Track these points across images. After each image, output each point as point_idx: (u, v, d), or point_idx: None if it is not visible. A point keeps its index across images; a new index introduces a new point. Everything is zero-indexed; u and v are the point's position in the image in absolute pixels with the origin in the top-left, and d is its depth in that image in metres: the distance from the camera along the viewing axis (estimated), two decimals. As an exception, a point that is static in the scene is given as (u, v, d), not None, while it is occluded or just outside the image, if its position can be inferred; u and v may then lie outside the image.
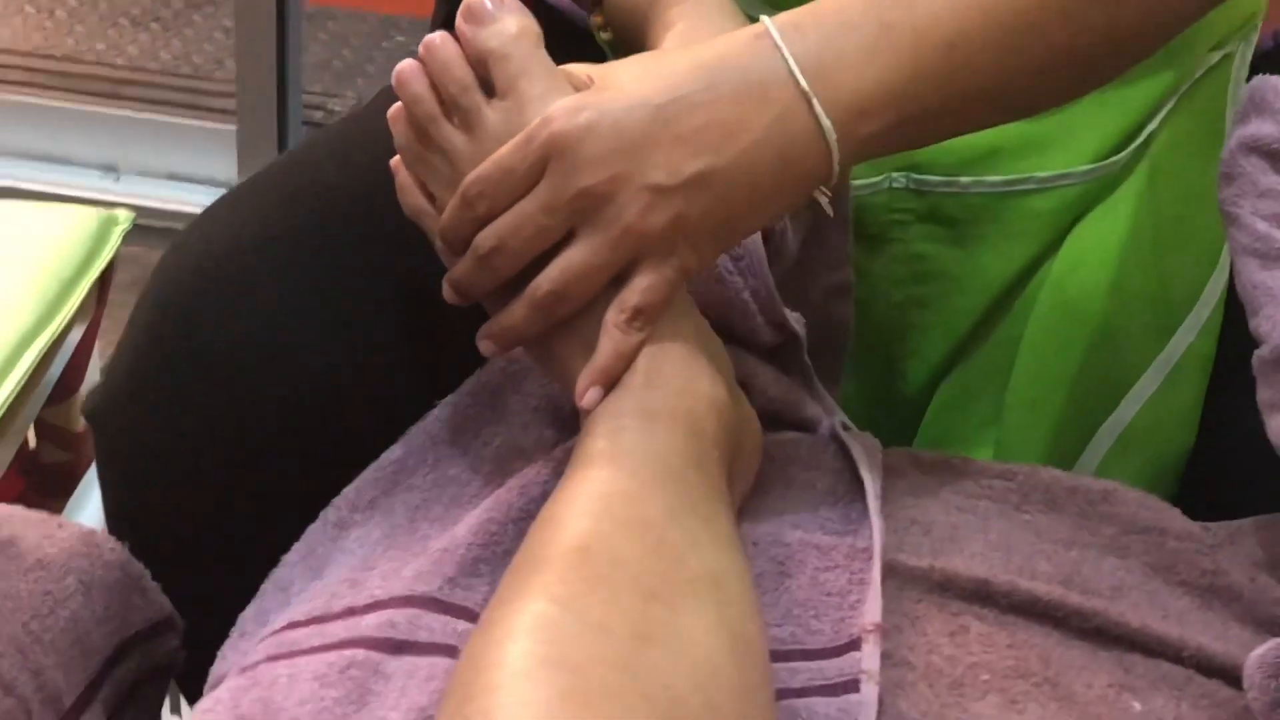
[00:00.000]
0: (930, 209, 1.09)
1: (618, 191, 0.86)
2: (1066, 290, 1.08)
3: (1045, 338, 1.08)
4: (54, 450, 1.60)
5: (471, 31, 0.90)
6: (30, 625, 0.93)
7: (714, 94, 0.87)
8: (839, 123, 0.87)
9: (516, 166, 0.87)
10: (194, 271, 1.03)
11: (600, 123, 0.86)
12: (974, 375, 1.11)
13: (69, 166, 2.54)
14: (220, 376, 1.00)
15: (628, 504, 0.80)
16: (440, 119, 0.90)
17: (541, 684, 0.67)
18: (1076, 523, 0.95)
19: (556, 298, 0.88)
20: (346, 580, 0.90)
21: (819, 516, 0.95)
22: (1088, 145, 1.08)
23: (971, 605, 0.89)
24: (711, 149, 0.86)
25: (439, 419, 1.00)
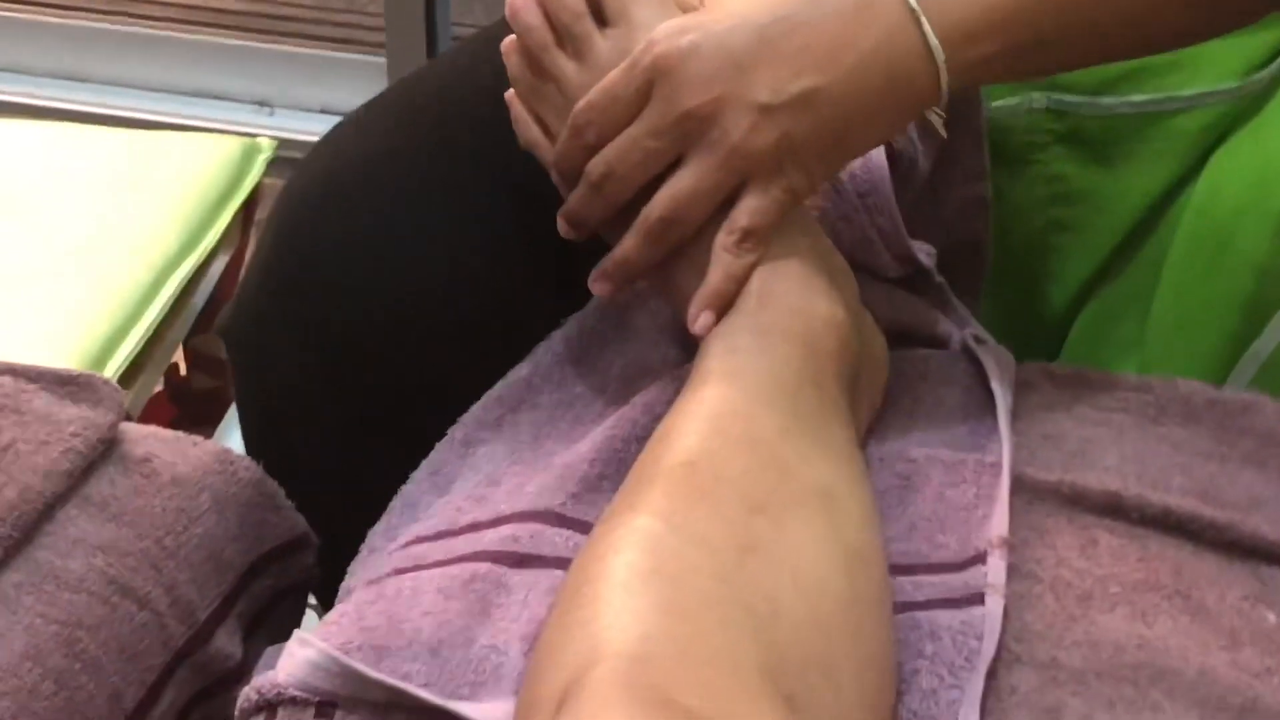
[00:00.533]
0: (1071, 130, 1.07)
1: (722, 112, 0.85)
2: (1210, 212, 1.05)
3: (1189, 260, 1.05)
4: (204, 378, 1.62)
5: None
6: (164, 541, 0.95)
7: (820, 12, 0.86)
8: (947, 43, 0.85)
9: (622, 91, 0.87)
10: (319, 186, 1.03)
11: (703, 44, 0.85)
12: (1117, 298, 1.09)
13: (223, 102, 2.57)
14: (345, 287, 1.01)
15: (738, 421, 0.79)
16: (553, 48, 0.90)
17: (640, 594, 0.67)
18: (1215, 435, 0.93)
19: (667, 223, 0.88)
20: (471, 496, 0.91)
21: (947, 433, 0.93)
22: (1233, 62, 1.05)
23: (1102, 519, 0.87)
24: (816, 67, 0.85)
25: (565, 337, 1.00)
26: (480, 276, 1.01)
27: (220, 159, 1.53)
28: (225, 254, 1.53)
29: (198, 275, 1.47)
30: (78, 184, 1.48)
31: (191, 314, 1.48)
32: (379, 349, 1.01)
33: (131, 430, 0.99)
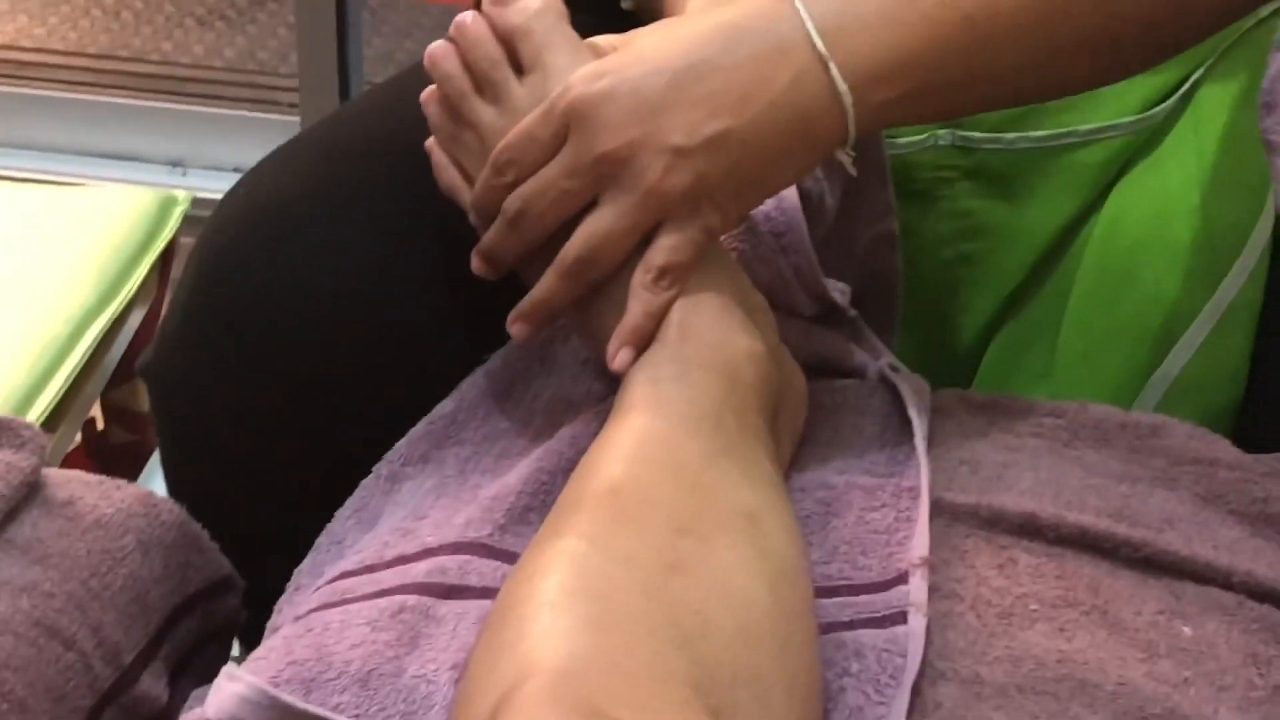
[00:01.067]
0: (976, 165, 1.09)
1: (638, 154, 0.87)
2: (1113, 242, 1.07)
3: (1094, 290, 1.08)
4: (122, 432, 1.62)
5: (496, 11, 0.92)
6: (89, 583, 0.94)
7: (732, 57, 0.87)
8: (855, 87, 0.87)
9: (540, 133, 0.88)
10: (239, 223, 1.04)
11: (618, 88, 0.87)
12: (1025, 330, 1.11)
13: (137, 163, 2.57)
14: (266, 325, 1.01)
15: (662, 447, 0.81)
16: (471, 95, 0.92)
17: (567, 613, 0.68)
18: (1126, 457, 0.95)
19: (584, 263, 0.89)
20: (398, 530, 0.91)
21: (865, 460, 0.95)
22: (1132, 97, 1.08)
23: (1020, 539, 0.89)
24: (729, 110, 0.87)
25: (489, 372, 1.00)
26: (401, 314, 1.02)
27: (136, 212, 1.53)
28: (141, 307, 1.53)
29: (114, 328, 1.47)
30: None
31: (109, 367, 1.48)
32: (302, 387, 1.01)
33: (54, 474, 0.99)
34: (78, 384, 1.39)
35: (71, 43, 2.94)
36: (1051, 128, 1.08)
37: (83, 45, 2.94)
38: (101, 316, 1.43)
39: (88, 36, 2.97)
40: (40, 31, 2.97)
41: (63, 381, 1.36)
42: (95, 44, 2.95)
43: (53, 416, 1.35)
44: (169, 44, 2.97)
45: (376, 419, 0.99)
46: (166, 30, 3.02)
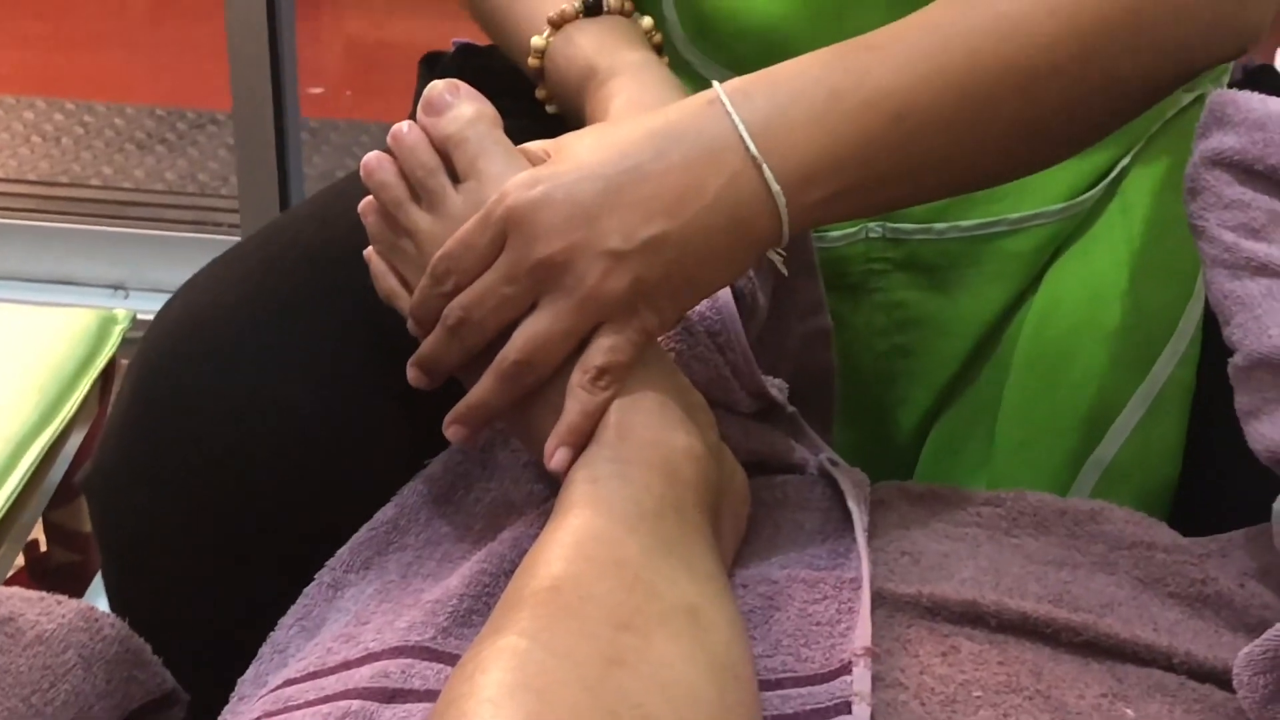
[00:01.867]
0: (907, 256, 1.10)
1: (575, 259, 0.88)
2: (1046, 329, 1.08)
3: (1028, 378, 1.08)
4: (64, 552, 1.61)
5: (430, 121, 0.92)
6: (31, 699, 0.93)
7: (666, 161, 0.88)
8: (788, 188, 0.89)
9: (478, 242, 0.89)
10: (174, 335, 1.04)
11: (554, 194, 0.88)
12: (962, 419, 1.12)
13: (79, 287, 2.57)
14: (205, 435, 1.01)
15: (602, 545, 0.81)
16: (407, 204, 0.93)
17: (507, 709, 0.68)
18: (1065, 543, 0.96)
19: (522, 366, 0.90)
20: (341, 636, 0.91)
21: (806, 554, 0.95)
22: (1059, 185, 1.09)
23: (962, 626, 0.89)
24: (665, 213, 0.88)
25: (430, 477, 1.01)
26: (340, 422, 1.02)
27: (76, 332, 1.53)
28: (82, 427, 1.53)
29: (55, 448, 1.46)
30: (-68, 360, 1.47)
31: (50, 487, 1.47)
32: (242, 497, 1.01)
33: (-7, 592, 0.98)
34: (18, 504, 1.38)
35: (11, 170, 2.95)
36: (980, 217, 1.09)
37: (23, 172, 2.95)
38: (42, 436, 1.43)
39: (28, 163, 2.98)
40: (-20, 160, 2.98)
41: (3, 502, 1.35)
42: (35, 170, 2.96)
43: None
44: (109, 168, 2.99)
45: (318, 527, 0.99)
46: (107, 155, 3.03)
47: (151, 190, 2.92)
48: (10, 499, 1.36)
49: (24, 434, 1.41)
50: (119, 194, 2.88)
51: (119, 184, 2.94)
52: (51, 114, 3.16)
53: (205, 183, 2.96)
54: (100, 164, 3.00)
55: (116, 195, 2.87)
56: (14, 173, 2.94)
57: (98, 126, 3.13)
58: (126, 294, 2.57)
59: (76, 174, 2.97)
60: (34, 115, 3.15)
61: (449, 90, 0.93)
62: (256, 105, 2.33)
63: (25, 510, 1.41)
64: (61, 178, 2.95)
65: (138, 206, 2.79)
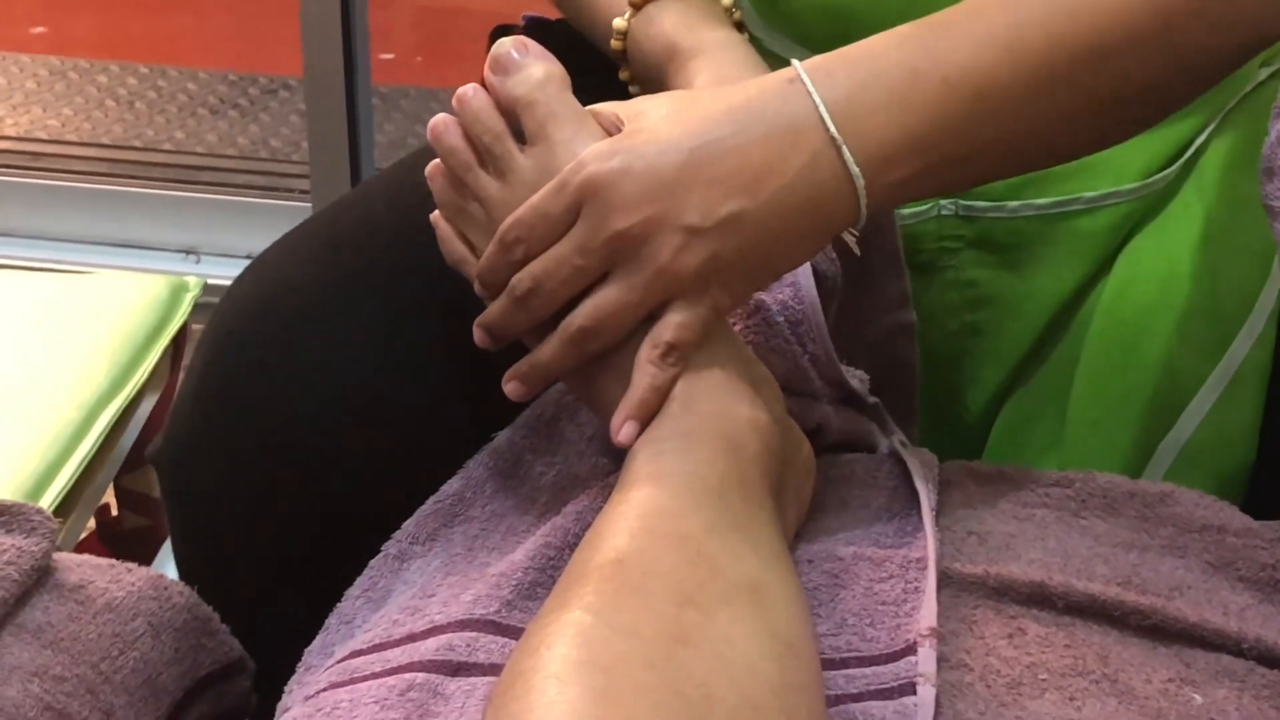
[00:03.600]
0: (980, 234, 1.09)
1: (652, 233, 0.87)
2: (1120, 309, 1.07)
3: (1102, 358, 1.08)
4: (135, 517, 1.62)
5: (499, 81, 0.92)
6: (100, 666, 0.94)
7: (745, 137, 0.88)
8: (867, 169, 0.88)
9: (552, 210, 0.89)
10: (246, 310, 1.05)
11: (633, 166, 0.87)
12: (1034, 399, 1.11)
13: (151, 251, 2.58)
14: (276, 410, 1.01)
15: (665, 520, 0.81)
16: (475, 168, 0.92)
17: (573, 684, 0.68)
18: (1135, 525, 0.95)
19: (588, 334, 0.89)
20: (407, 608, 0.91)
21: (873, 532, 0.95)
22: (1133, 163, 1.08)
23: (1029, 608, 0.89)
24: (743, 191, 0.87)
25: (496, 450, 1.01)
26: (409, 395, 1.02)
27: (148, 299, 1.54)
28: (154, 393, 1.54)
29: (126, 414, 1.47)
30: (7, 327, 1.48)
31: (121, 452, 1.48)
32: (311, 469, 1.02)
33: (65, 559, 0.99)
34: (90, 470, 1.39)
35: (86, 133, 2.97)
36: (1055, 195, 1.08)
37: (97, 136, 2.97)
38: (114, 403, 1.44)
39: (101, 127, 3.00)
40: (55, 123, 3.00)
41: (75, 468, 1.36)
42: (109, 134, 2.98)
43: (65, 503, 1.35)
44: (182, 133, 3.00)
45: (384, 499, 0.99)
46: (180, 120, 3.05)
47: (223, 155, 2.93)
48: (82, 465, 1.37)
49: (96, 401, 1.43)
50: (191, 159, 2.90)
51: (191, 149, 2.95)
52: (125, 78, 3.18)
53: (277, 148, 2.97)
54: (173, 128, 3.02)
55: (188, 160, 2.88)
56: (88, 136, 2.96)
57: (171, 91, 3.14)
58: (198, 258, 2.58)
59: (149, 138, 2.98)
60: (108, 79, 3.17)
61: (517, 48, 0.92)
62: (328, 71, 2.34)
63: (97, 476, 1.42)
64: (135, 142, 2.96)
65: (209, 171, 2.81)
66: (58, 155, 2.83)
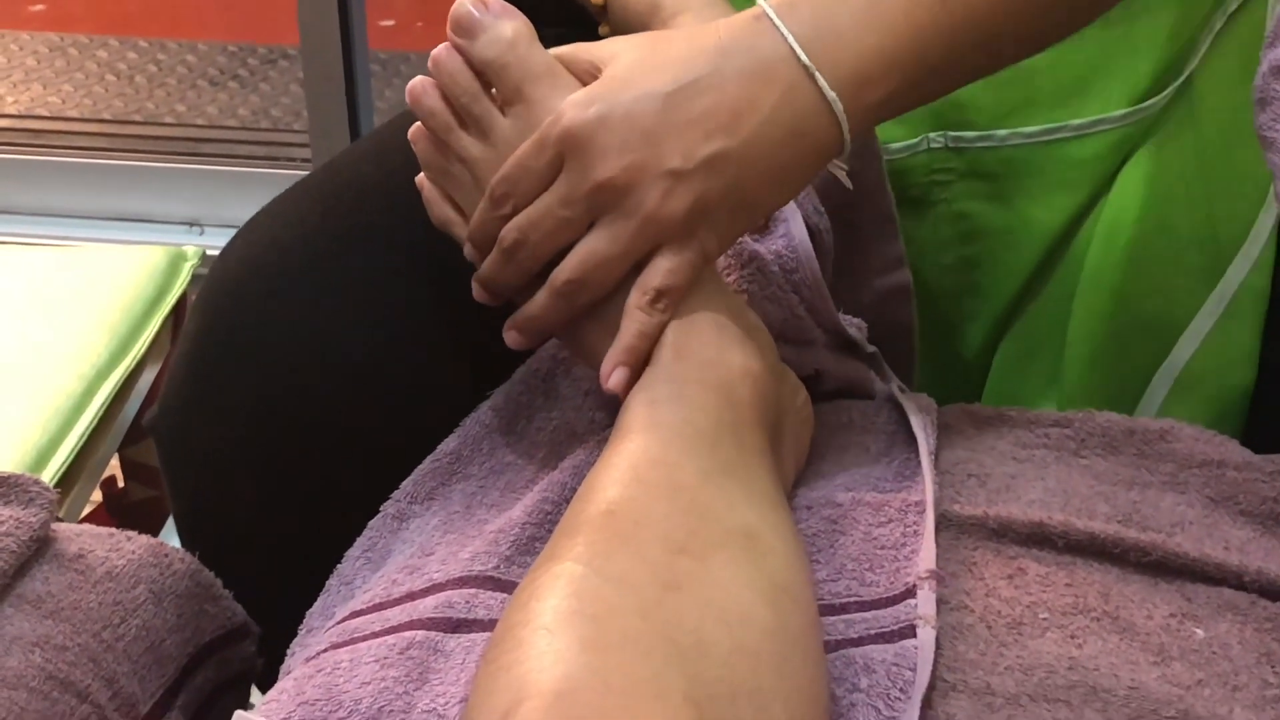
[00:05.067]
0: (970, 165, 1.09)
1: (635, 181, 0.87)
2: (1114, 237, 1.07)
3: (1097, 287, 1.07)
4: (141, 488, 1.62)
5: (465, 44, 0.91)
6: (102, 635, 0.94)
7: (720, 77, 0.88)
8: (844, 94, 0.88)
9: (535, 164, 0.89)
10: (237, 273, 1.04)
11: (611, 114, 0.87)
12: (1031, 333, 1.11)
13: (155, 224, 2.58)
14: (267, 373, 1.01)
15: (657, 469, 0.80)
16: (456, 129, 0.92)
17: (562, 634, 0.68)
18: (1135, 462, 0.95)
19: (576, 285, 0.89)
20: (406, 567, 0.91)
21: (872, 476, 0.95)
22: (1122, 89, 1.08)
23: (1029, 548, 0.88)
24: (723, 130, 0.87)
25: (492, 408, 1.00)
26: (403, 353, 1.02)
27: (146, 269, 1.54)
28: (155, 364, 1.54)
29: (127, 386, 1.47)
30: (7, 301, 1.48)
31: (124, 424, 1.48)
32: (306, 431, 1.01)
33: (64, 529, 0.99)
34: (92, 442, 1.39)
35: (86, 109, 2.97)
36: (1043, 123, 1.08)
37: (97, 111, 2.96)
38: (114, 374, 1.44)
39: (102, 102, 3.00)
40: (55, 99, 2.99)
41: (77, 439, 1.36)
42: (110, 109, 2.97)
43: (68, 475, 1.35)
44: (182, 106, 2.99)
45: (380, 458, 0.99)
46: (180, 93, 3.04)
47: (224, 126, 2.93)
48: (84, 437, 1.37)
49: (96, 373, 1.42)
50: (192, 131, 2.89)
51: (192, 121, 2.95)
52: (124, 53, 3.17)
53: (278, 118, 2.97)
54: (173, 101, 3.01)
55: (190, 132, 2.88)
56: (89, 111, 2.96)
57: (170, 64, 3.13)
58: (201, 230, 2.58)
59: (150, 112, 2.98)
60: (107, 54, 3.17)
61: (476, 6, 0.91)
62: (325, 39, 2.33)
63: (99, 448, 1.42)
64: (135, 116, 2.96)
65: (211, 143, 2.80)
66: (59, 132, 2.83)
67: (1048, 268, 1.09)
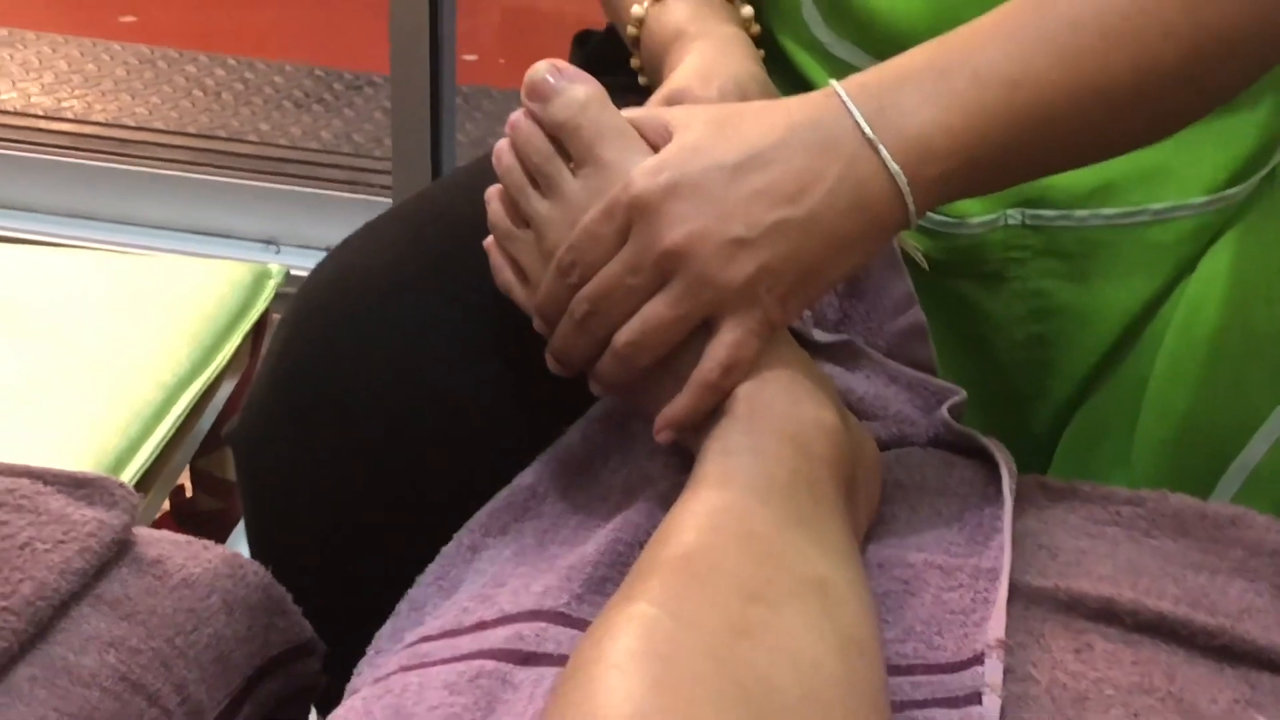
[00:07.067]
0: (1047, 244, 1.09)
1: (699, 247, 0.89)
2: (1192, 327, 1.07)
3: (1172, 376, 1.07)
4: (209, 499, 1.64)
5: (539, 108, 0.94)
6: (175, 640, 0.96)
7: (787, 150, 0.90)
8: (906, 166, 0.90)
9: (602, 232, 0.91)
10: (326, 297, 1.06)
11: (680, 183, 0.89)
12: (1102, 414, 1.11)
13: (233, 240, 2.61)
14: (353, 395, 1.03)
15: (734, 518, 0.82)
16: (528, 189, 0.94)
17: (633, 674, 0.69)
18: (1205, 547, 0.95)
19: (635, 348, 0.91)
20: (478, 596, 0.92)
21: (944, 539, 0.95)
22: (1202, 176, 1.08)
23: (1097, 624, 0.89)
24: (788, 200, 0.89)
25: (568, 445, 1.02)
26: (482, 387, 1.03)
27: (231, 284, 1.56)
28: (233, 378, 1.56)
29: (206, 397, 1.49)
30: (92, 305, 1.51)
31: (199, 435, 1.50)
32: (386, 456, 1.03)
33: (144, 533, 1.01)
34: (168, 450, 1.41)
35: (173, 122, 3.01)
36: (1122, 205, 1.08)
37: (183, 125, 3.00)
38: (194, 385, 1.46)
39: (188, 116, 3.04)
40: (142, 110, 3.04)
41: (154, 447, 1.38)
42: (195, 124, 3.01)
43: (143, 480, 1.37)
44: (267, 125, 3.03)
45: (455, 484, 1.00)
46: (265, 112, 3.08)
47: (306, 148, 2.96)
48: (161, 444, 1.39)
49: (176, 382, 1.44)
50: (275, 150, 2.93)
51: (275, 140, 2.98)
52: (213, 69, 3.22)
53: (359, 143, 3.00)
54: (258, 120, 3.05)
55: (272, 152, 2.92)
56: (175, 125, 3.00)
57: (257, 83, 3.18)
58: (278, 249, 2.61)
59: (235, 129, 3.02)
60: (196, 69, 3.21)
61: (551, 73, 0.94)
62: (414, 70, 2.36)
63: (174, 456, 1.44)
64: (220, 132, 3.00)
65: (292, 164, 2.84)
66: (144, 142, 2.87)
67: (1122, 350, 1.10)
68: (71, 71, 3.17)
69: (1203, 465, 1.07)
